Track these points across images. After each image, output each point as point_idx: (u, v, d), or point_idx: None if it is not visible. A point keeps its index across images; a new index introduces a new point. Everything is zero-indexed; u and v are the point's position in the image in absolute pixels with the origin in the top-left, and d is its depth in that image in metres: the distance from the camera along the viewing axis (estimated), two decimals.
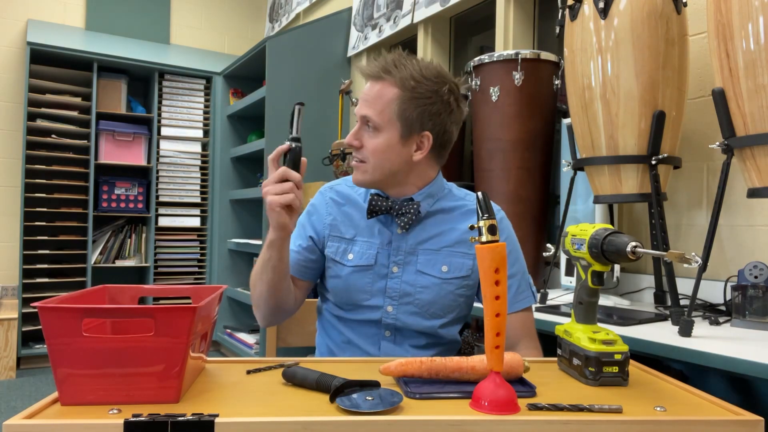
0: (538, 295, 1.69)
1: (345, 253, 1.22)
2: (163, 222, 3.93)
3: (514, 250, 1.24)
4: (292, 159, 1.06)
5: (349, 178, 1.28)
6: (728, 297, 1.50)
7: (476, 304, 1.34)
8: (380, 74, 1.15)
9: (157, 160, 3.89)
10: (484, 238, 0.78)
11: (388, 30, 3.12)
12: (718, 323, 1.35)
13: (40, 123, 3.56)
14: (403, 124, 1.15)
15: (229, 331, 3.79)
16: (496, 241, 0.78)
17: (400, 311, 1.20)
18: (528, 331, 1.23)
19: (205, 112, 4.05)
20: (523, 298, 1.22)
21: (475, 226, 0.79)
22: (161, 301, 3.33)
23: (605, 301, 1.67)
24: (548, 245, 1.72)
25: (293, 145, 1.06)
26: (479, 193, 0.81)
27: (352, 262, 1.21)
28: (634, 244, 0.83)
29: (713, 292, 1.57)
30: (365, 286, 1.21)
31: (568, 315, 1.45)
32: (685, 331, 1.21)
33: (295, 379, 0.85)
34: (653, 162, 1.43)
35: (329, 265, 1.25)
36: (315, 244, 1.27)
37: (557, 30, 1.62)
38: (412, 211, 1.18)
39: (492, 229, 0.78)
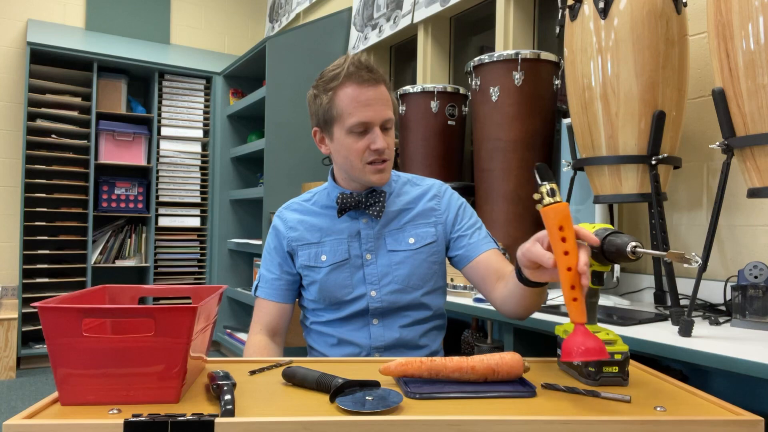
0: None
1: (317, 256, 1.27)
2: (163, 222, 3.92)
3: (472, 212, 1.34)
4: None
5: (300, 197, 1.36)
6: (728, 297, 1.50)
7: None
8: (378, 78, 1.21)
9: (157, 160, 3.89)
10: (546, 201, 0.84)
11: (388, 30, 3.12)
12: (718, 323, 1.35)
13: (40, 123, 3.56)
14: (395, 115, 1.27)
15: (229, 331, 3.79)
16: (558, 201, 0.84)
17: (382, 292, 1.26)
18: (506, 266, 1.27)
19: (205, 112, 4.05)
20: (491, 240, 1.31)
21: (537, 193, 0.86)
22: (161, 301, 3.33)
23: (605, 301, 1.67)
24: None
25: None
26: (538, 163, 0.88)
27: (326, 262, 1.27)
28: (634, 244, 0.83)
29: (713, 292, 1.57)
30: (345, 281, 1.26)
31: (567, 315, 1.44)
32: (685, 331, 1.21)
33: (295, 379, 0.85)
34: (653, 162, 1.43)
35: (305, 273, 1.29)
36: (288, 263, 1.31)
37: (557, 30, 1.62)
38: (381, 200, 1.25)
39: (552, 192, 0.84)
